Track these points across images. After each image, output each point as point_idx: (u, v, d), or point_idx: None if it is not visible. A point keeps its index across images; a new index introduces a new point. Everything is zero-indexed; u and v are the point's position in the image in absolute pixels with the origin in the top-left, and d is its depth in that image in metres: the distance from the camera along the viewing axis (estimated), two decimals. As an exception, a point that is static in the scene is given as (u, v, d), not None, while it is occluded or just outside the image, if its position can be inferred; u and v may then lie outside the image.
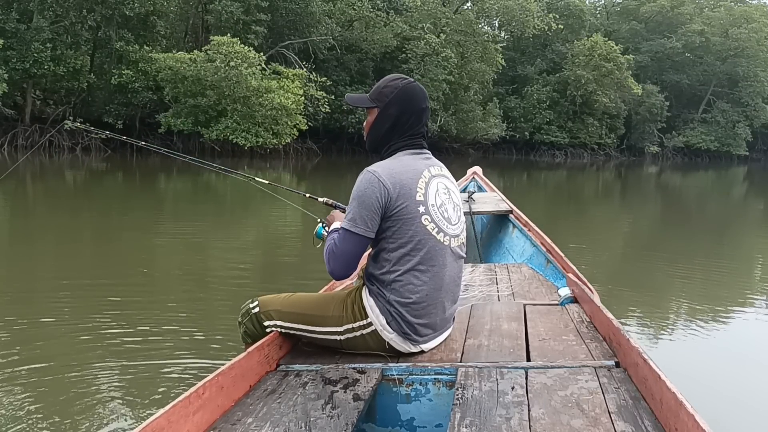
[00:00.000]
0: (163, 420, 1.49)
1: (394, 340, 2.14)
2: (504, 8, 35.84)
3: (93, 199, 12.64)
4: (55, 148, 24.78)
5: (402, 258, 2.10)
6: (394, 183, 2.08)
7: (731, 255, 8.64)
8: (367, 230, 2.08)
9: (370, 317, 2.14)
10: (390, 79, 2.27)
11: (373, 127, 2.25)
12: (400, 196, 2.08)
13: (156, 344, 3.79)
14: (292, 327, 2.24)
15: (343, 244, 2.11)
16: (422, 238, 2.10)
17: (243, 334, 2.31)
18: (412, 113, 2.21)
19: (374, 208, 2.07)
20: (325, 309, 2.21)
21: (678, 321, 4.98)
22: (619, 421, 1.58)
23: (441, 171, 2.27)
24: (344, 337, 2.18)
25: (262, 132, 25.15)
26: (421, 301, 2.11)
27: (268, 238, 8.51)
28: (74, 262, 6.26)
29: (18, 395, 2.99)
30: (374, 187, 2.07)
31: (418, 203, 2.11)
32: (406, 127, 2.21)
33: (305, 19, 30.27)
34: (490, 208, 4.98)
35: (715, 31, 47.28)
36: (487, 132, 36.71)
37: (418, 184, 2.13)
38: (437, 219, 2.14)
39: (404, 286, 2.10)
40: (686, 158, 49.74)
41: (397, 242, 2.10)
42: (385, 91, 2.22)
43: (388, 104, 2.20)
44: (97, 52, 26.79)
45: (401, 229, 2.09)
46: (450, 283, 2.19)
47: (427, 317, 2.14)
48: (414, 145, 2.23)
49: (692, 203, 18.15)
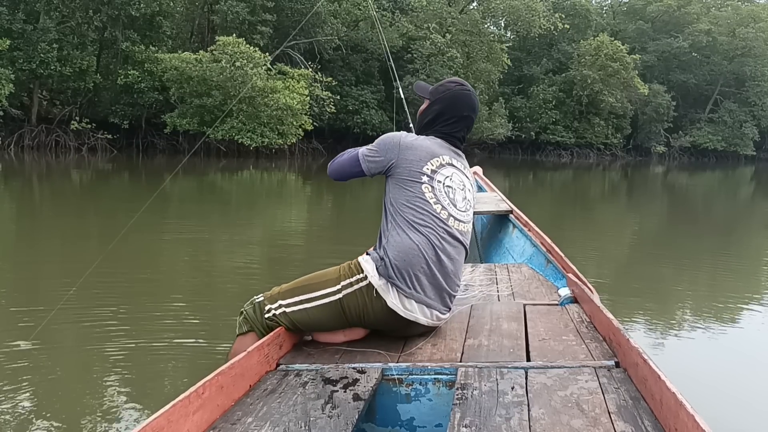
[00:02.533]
0: (163, 419, 1.49)
1: (382, 288, 2.21)
2: (510, 8, 35.76)
3: (99, 199, 12.70)
4: (62, 148, 24.90)
5: (400, 214, 2.28)
6: (408, 146, 2.34)
7: (738, 256, 8.60)
8: (369, 165, 2.38)
9: (365, 270, 2.25)
10: (450, 80, 2.56)
11: (421, 114, 2.56)
12: (408, 160, 2.31)
13: (157, 344, 3.79)
14: (293, 302, 2.28)
15: (348, 156, 2.45)
16: (418, 201, 2.28)
17: (241, 322, 2.37)
18: (453, 115, 2.45)
19: (381, 153, 2.35)
20: (325, 276, 2.32)
21: (684, 321, 4.96)
22: (619, 421, 1.58)
23: (463, 168, 2.46)
24: (342, 295, 2.24)
25: (267, 132, 25.20)
26: (411, 249, 2.22)
27: (274, 238, 8.52)
28: (79, 262, 6.28)
29: (18, 394, 3.00)
30: (393, 141, 2.36)
31: (423, 173, 2.31)
32: (445, 125, 2.46)
33: (311, 20, 30.30)
34: (490, 208, 4.98)
35: (722, 31, 47.02)
36: (492, 132, 36.64)
37: (431, 160, 2.34)
38: (439, 194, 2.31)
39: (397, 236, 2.25)
40: (693, 158, 49.53)
41: (397, 200, 2.30)
42: (440, 89, 2.51)
43: (437, 100, 2.48)
44: (103, 52, 26.92)
45: (402, 190, 2.30)
46: (444, 256, 2.27)
47: (416, 269, 2.22)
48: (448, 139, 2.46)
49: (699, 203, 18.08)
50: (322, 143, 31.86)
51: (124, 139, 26.79)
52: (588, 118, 42.12)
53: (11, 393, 3.01)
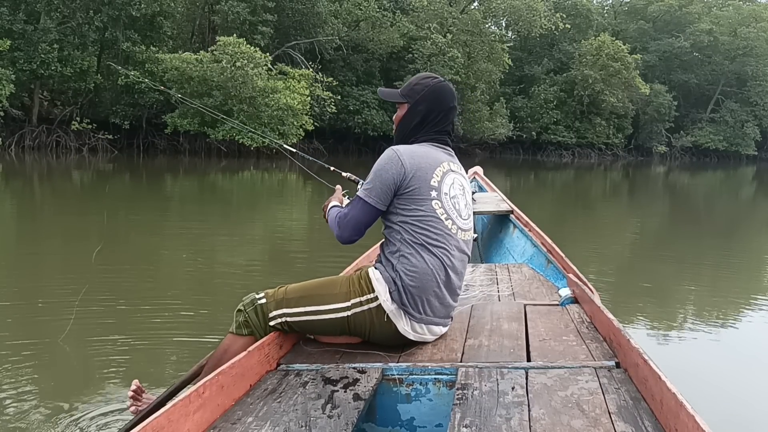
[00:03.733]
0: (164, 419, 1.49)
1: (394, 313, 2.17)
2: (511, 8, 35.79)
3: (100, 199, 12.69)
4: (62, 148, 24.90)
5: (412, 233, 2.19)
6: (412, 164, 2.20)
7: (739, 256, 8.60)
8: (379, 202, 2.21)
9: (376, 290, 2.19)
10: (422, 77, 2.39)
11: (402, 121, 2.38)
12: (415, 177, 2.19)
13: (157, 342, 3.80)
14: (299, 312, 2.22)
15: (355, 210, 2.25)
16: (432, 221, 2.20)
17: (242, 323, 2.24)
18: (440, 111, 2.33)
19: (389, 184, 2.20)
20: (333, 287, 2.25)
21: (684, 322, 4.96)
22: (620, 422, 1.58)
23: (459, 170, 2.38)
24: (351, 313, 2.20)
25: (268, 132, 25.18)
26: (425, 274, 2.17)
27: (275, 237, 8.52)
28: (80, 262, 6.29)
29: (20, 390, 3.01)
30: (393, 164, 2.20)
31: (431, 188, 2.21)
32: (434, 124, 2.33)
33: (311, 20, 30.30)
34: (490, 208, 4.98)
35: (724, 31, 47.00)
36: (494, 132, 36.65)
37: (435, 171, 2.24)
38: (448, 207, 2.24)
39: (412, 258, 2.18)
40: (694, 158, 49.50)
41: (407, 218, 2.20)
42: (417, 88, 2.34)
43: (419, 101, 2.32)
44: (104, 52, 26.90)
45: (412, 208, 2.19)
46: (453, 273, 2.24)
47: (428, 294, 2.19)
48: (439, 140, 2.35)
49: (700, 203, 18.06)
50: (323, 143, 31.82)
51: (125, 139, 26.77)
52: (589, 118, 42.10)
53: (14, 387, 3.02)
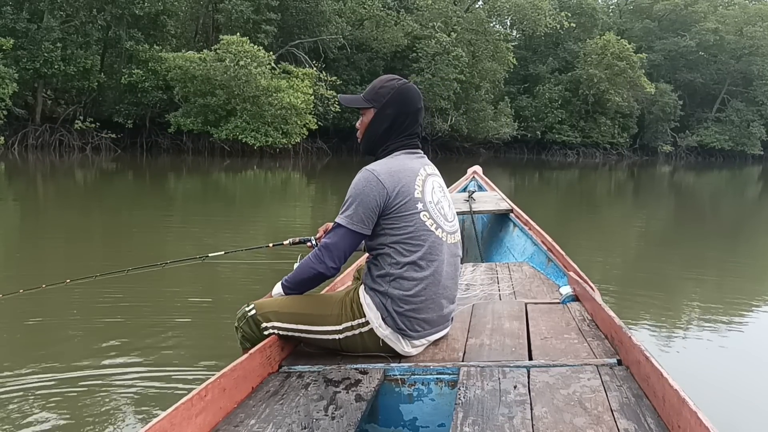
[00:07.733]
0: (166, 422, 1.49)
1: (389, 338, 2.14)
2: (516, 7, 35.74)
3: (103, 198, 12.72)
4: (65, 147, 24.97)
5: (403, 252, 2.11)
6: (392, 182, 2.10)
7: (744, 255, 8.56)
8: (364, 228, 2.11)
9: (367, 315, 2.14)
10: (385, 79, 2.27)
11: (369, 127, 2.24)
12: (399, 194, 2.10)
13: (159, 345, 3.78)
14: (290, 328, 2.19)
15: (338, 238, 2.12)
16: (422, 234, 2.12)
17: (241, 339, 2.25)
18: (408, 114, 2.21)
19: (372, 207, 2.09)
20: (324, 308, 2.20)
21: (686, 320, 4.93)
22: (622, 419, 1.58)
23: (434, 171, 2.29)
24: (343, 336, 2.17)
25: (271, 131, 25.21)
26: (419, 294, 2.12)
27: (278, 237, 8.49)
28: (83, 261, 6.29)
29: (20, 394, 3.00)
30: (372, 186, 2.09)
31: (417, 200, 2.13)
32: (403, 128, 2.22)
33: (315, 18, 30.32)
34: (490, 207, 4.98)
35: (730, 30, 46.82)
36: (498, 131, 36.63)
37: (415, 181, 2.15)
38: (435, 216, 2.17)
39: (404, 280, 2.11)
40: (700, 158, 49.36)
41: (397, 238, 2.11)
42: (382, 92, 2.21)
43: (385, 105, 2.20)
44: (107, 51, 26.98)
45: (401, 226, 2.11)
46: (448, 281, 2.20)
47: (425, 312, 2.15)
48: (410, 145, 2.24)
49: (706, 203, 18.00)
50: (327, 143, 31.87)
51: (128, 138, 26.85)
52: (594, 117, 42.02)
53: (14, 392, 3.01)
